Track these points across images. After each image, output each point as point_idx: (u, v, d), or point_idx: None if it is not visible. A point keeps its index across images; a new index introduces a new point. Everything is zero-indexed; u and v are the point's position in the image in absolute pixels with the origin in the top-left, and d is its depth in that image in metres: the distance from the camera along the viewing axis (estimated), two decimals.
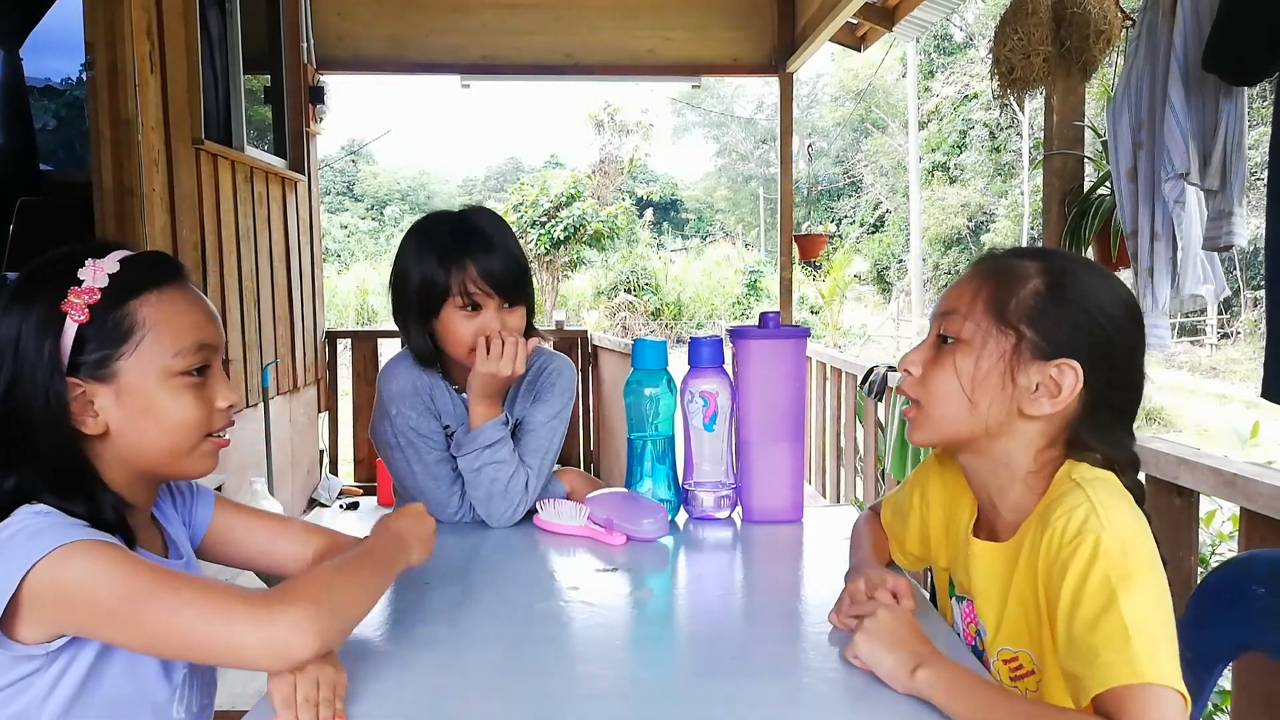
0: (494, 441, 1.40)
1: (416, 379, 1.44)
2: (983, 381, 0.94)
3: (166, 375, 0.92)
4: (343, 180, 31.65)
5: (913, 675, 0.85)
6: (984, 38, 19.23)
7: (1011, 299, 0.93)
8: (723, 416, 1.42)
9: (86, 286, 0.89)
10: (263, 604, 0.81)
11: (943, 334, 0.98)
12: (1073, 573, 0.84)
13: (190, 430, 0.94)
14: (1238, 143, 1.96)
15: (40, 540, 0.81)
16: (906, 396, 1.02)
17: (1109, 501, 0.88)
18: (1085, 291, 0.93)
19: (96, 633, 0.84)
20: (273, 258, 4.29)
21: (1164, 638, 0.79)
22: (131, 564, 0.82)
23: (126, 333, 0.90)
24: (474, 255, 1.36)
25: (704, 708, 0.85)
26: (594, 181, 17.67)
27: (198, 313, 0.96)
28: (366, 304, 17.06)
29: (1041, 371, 0.92)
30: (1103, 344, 0.92)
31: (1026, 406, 0.93)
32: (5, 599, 0.79)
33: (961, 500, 1.08)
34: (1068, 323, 0.92)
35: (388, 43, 4.99)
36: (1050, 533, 0.88)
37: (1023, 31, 2.25)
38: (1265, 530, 1.52)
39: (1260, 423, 3.62)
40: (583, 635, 1.03)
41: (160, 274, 0.94)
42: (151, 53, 2.88)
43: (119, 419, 0.92)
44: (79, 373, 0.89)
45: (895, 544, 1.20)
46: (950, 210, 21.42)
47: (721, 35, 5.16)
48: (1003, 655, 0.97)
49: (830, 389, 4.40)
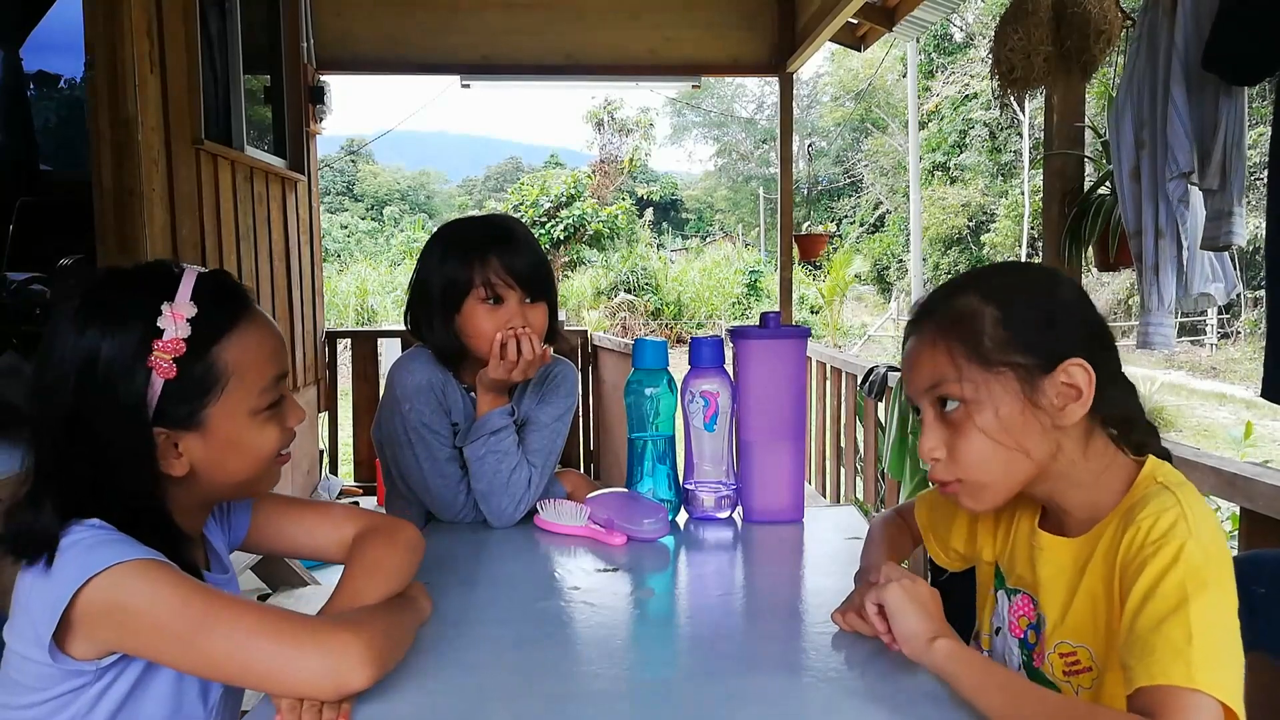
0: (498, 429, 1.41)
1: (432, 375, 1.45)
2: (1012, 427, 0.91)
3: (252, 414, 0.93)
4: (343, 180, 31.65)
5: (931, 644, 0.86)
6: (984, 38, 19.24)
7: (982, 339, 0.91)
8: (723, 416, 1.43)
9: (170, 339, 0.87)
10: (323, 633, 0.82)
11: (941, 401, 0.95)
12: (1151, 571, 0.83)
13: (271, 456, 0.96)
14: (1237, 142, 1.96)
15: (97, 555, 0.81)
16: (942, 483, 0.98)
17: (1198, 509, 0.87)
18: (1031, 293, 0.94)
19: (151, 653, 0.83)
20: (272, 258, 4.29)
21: (1226, 652, 0.79)
22: (189, 586, 0.83)
23: (213, 383, 0.90)
24: (497, 249, 1.39)
25: (704, 708, 0.85)
26: (594, 181, 17.69)
27: (272, 344, 0.96)
28: (366, 304, 17.05)
29: (1053, 384, 0.90)
30: (1077, 327, 0.93)
31: (1060, 420, 0.91)
32: (59, 612, 0.79)
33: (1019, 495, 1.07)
34: (1040, 328, 0.91)
35: (387, 43, 4.99)
36: (1135, 530, 0.87)
37: (1023, 31, 2.25)
38: (1265, 530, 1.52)
39: (1254, 424, 3.62)
40: (583, 635, 1.03)
41: (235, 309, 0.93)
42: (151, 52, 2.88)
43: (204, 459, 0.91)
44: (164, 421, 0.88)
45: (938, 543, 1.17)
46: (950, 210, 21.42)
47: (721, 35, 5.16)
48: (1060, 649, 0.97)
49: (830, 389, 4.40)
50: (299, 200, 4.72)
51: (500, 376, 1.39)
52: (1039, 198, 3.91)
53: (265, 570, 3.65)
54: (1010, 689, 0.82)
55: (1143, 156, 2.11)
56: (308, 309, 4.81)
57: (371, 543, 1.03)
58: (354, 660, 0.81)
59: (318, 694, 0.81)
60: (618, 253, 18.37)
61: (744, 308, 18.89)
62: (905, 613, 0.89)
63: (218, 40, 3.72)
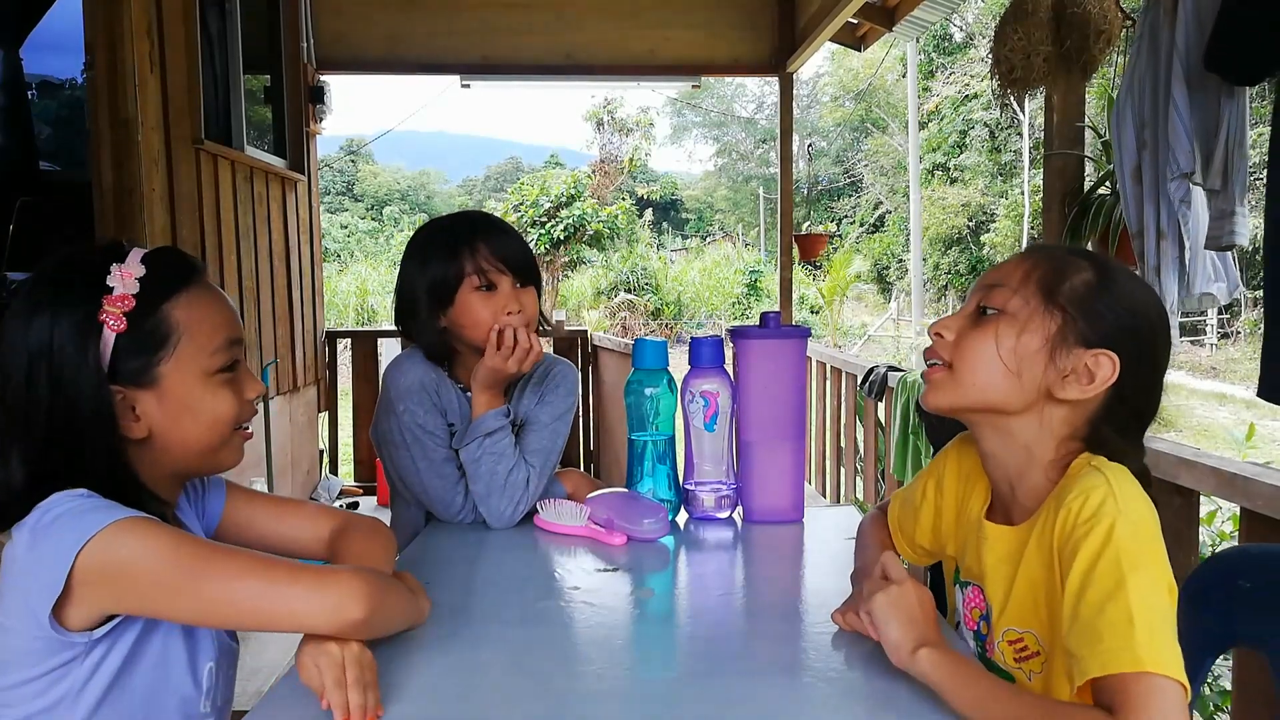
0: (494, 430, 1.41)
1: (424, 375, 1.44)
2: (1022, 355, 0.95)
3: (205, 374, 0.94)
4: (343, 180, 31.65)
5: (914, 654, 0.86)
6: (984, 38, 19.24)
7: (1064, 283, 0.95)
8: (723, 416, 1.42)
9: (120, 294, 0.89)
10: (316, 572, 0.84)
11: (984, 306, 0.99)
12: (1085, 553, 0.85)
13: (226, 425, 0.97)
14: (1239, 142, 1.96)
15: (87, 520, 0.82)
16: (936, 359, 1.02)
17: (1126, 488, 0.89)
18: (1132, 292, 0.96)
19: (150, 607, 0.85)
20: (272, 257, 4.29)
21: (1167, 627, 0.80)
22: (179, 536, 0.84)
23: (164, 338, 0.92)
24: (484, 237, 1.40)
25: (704, 708, 0.85)
26: (594, 181, 17.67)
27: (225, 309, 0.98)
28: (366, 304, 17.04)
29: (1080, 357, 0.94)
30: (1141, 343, 0.95)
31: (1057, 389, 0.95)
32: (61, 580, 0.80)
33: (976, 487, 1.09)
34: (1113, 315, 0.94)
35: (387, 43, 4.99)
36: (1065, 511, 0.89)
37: (1023, 31, 2.24)
38: (1265, 530, 1.52)
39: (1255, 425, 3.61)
40: (584, 635, 1.03)
41: (185, 273, 0.96)
42: (151, 53, 2.88)
43: (160, 421, 0.93)
44: (119, 380, 0.90)
45: (904, 539, 1.20)
46: (950, 210, 21.42)
47: (721, 35, 5.16)
48: (1008, 636, 0.98)
49: (830, 389, 4.40)
50: (299, 200, 4.72)
51: (499, 366, 1.38)
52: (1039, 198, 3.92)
53: None
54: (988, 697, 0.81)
55: (1144, 157, 2.10)
56: (308, 309, 4.80)
57: (353, 537, 1.06)
58: (351, 595, 0.83)
59: (317, 627, 0.82)
60: (618, 253, 18.36)
61: (744, 308, 18.89)
62: (888, 622, 0.90)
63: (218, 40, 3.72)
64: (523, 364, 1.39)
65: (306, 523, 1.10)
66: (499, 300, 1.40)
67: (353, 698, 0.81)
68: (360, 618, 0.83)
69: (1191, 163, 1.98)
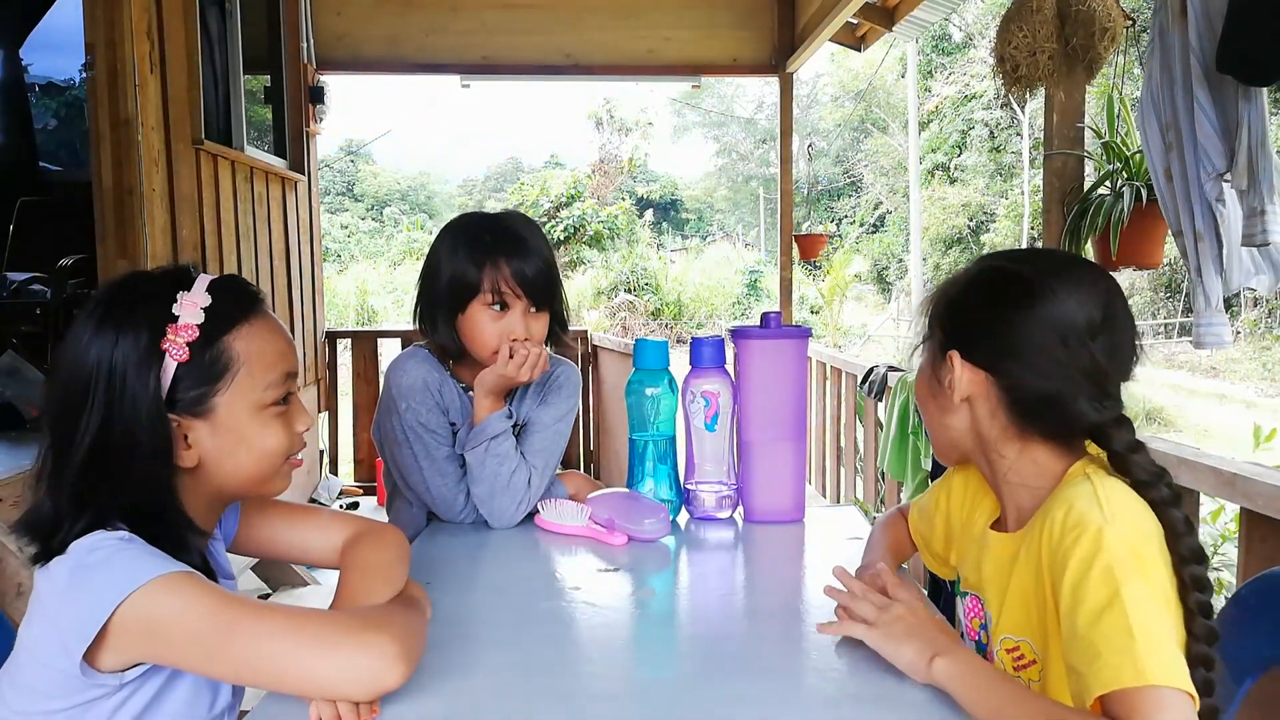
0: (498, 434, 1.41)
1: (427, 374, 1.44)
2: (926, 389, 1.01)
3: (259, 408, 0.94)
4: (343, 180, 31.64)
5: (930, 664, 0.85)
6: (984, 37, 19.24)
7: (946, 298, 0.99)
8: (724, 416, 1.42)
9: (184, 324, 0.90)
10: (354, 634, 0.83)
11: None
12: (1074, 565, 0.83)
13: (278, 457, 0.97)
14: (1262, 140, 1.93)
15: (133, 570, 0.82)
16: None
17: (1113, 494, 0.87)
18: (1008, 281, 0.94)
19: (185, 663, 0.84)
20: (272, 257, 4.28)
21: (1167, 635, 0.78)
22: (217, 595, 0.83)
23: (223, 370, 0.92)
24: (508, 255, 1.37)
25: (705, 708, 0.85)
26: (594, 181, 17.68)
27: (281, 342, 0.98)
28: (366, 304, 17.03)
29: (945, 366, 0.97)
30: (965, 324, 0.96)
31: (947, 404, 0.98)
32: (98, 626, 0.80)
33: (982, 500, 1.09)
34: (971, 313, 0.96)
35: (387, 43, 4.99)
36: (1050, 521, 0.88)
37: (1028, 29, 2.23)
38: (1265, 530, 1.52)
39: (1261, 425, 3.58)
40: (584, 635, 1.03)
41: (247, 305, 0.96)
42: (151, 53, 2.88)
43: (211, 451, 0.93)
44: (175, 409, 0.90)
45: (925, 548, 1.20)
46: (950, 210, 21.41)
47: (721, 35, 5.16)
48: (1005, 644, 0.98)
49: (830, 389, 4.40)
50: (299, 200, 4.72)
51: (509, 374, 1.38)
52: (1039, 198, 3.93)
53: (265, 571, 3.64)
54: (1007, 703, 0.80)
55: (1172, 158, 2.09)
56: (308, 309, 4.80)
57: (364, 546, 1.05)
58: (388, 660, 0.82)
59: (352, 695, 0.82)
60: (618, 253, 18.36)
61: (744, 308, 18.88)
62: (896, 652, 0.89)
63: (218, 40, 3.72)
64: (531, 375, 1.39)
65: (320, 531, 1.10)
66: (508, 323, 1.39)
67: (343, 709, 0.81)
68: (394, 684, 0.83)
69: (1225, 162, 1.96)
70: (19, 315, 3.22)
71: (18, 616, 0.92)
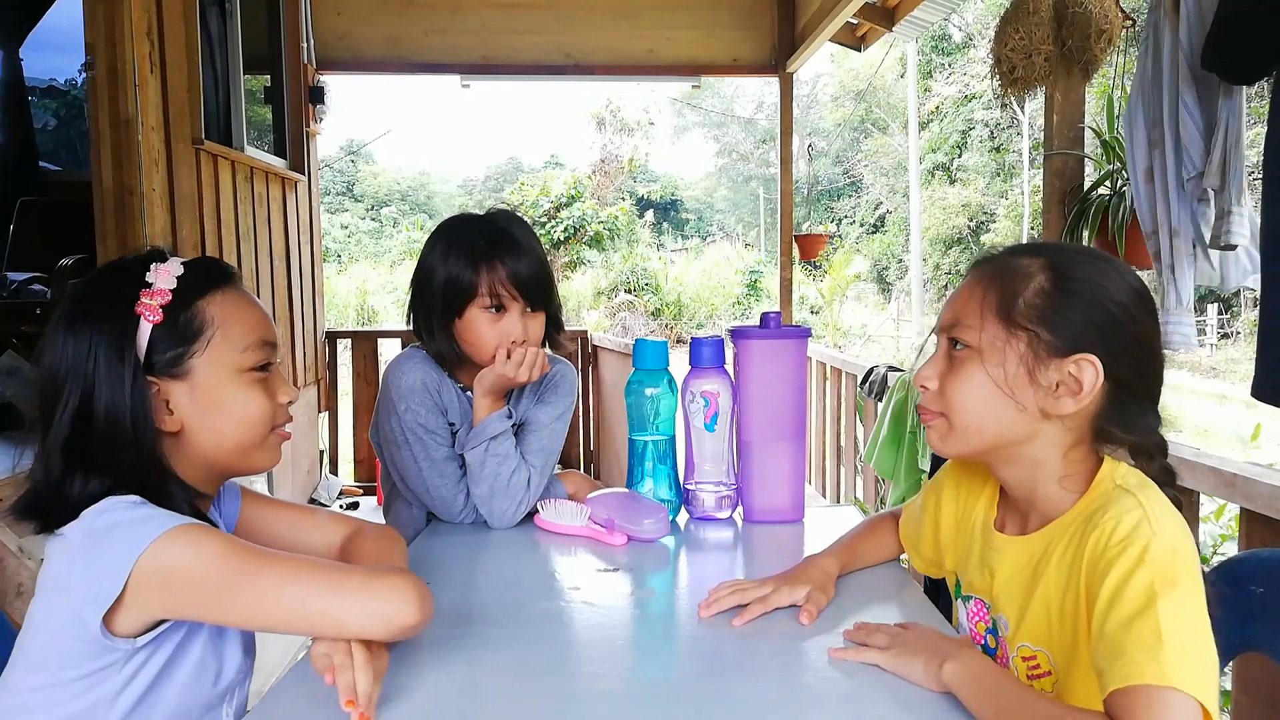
0: (497, 434, 1.41)
1: (426, 375, 1.44)
2: (1004, 388, 0.93)
3: (236, 371, 0.97)
4: (343, 180, 31.63)
5: (940, 669, 0.85)
6: (983, 37, 19.23)
7: (1017, 300, 0.92)
8: (724, 417, 1.42)
9: (157, 288, 0.93)
10: (371, 575, 0.85)
11: (954, 342, 0.97)
12: (1116, 573, 0.83)
13: (259, 424, 0.99)
14: (1237, 141, 1.95)
15: (144, 529, 0.83)
16: (924, 412, 1.01)
17: (1160, 510, 0.87)
18: (1091, 282, 0.92)
19: (200, 611, 0.85)
20: (273, 257, 4.28)
21: (1198, 650, 0.78)
22: (230, 542, 0.85)
23: (198, 331, 0.94)
24: (504, 257, 1.37)
25: (705, 708, 0.85)
26: (594, 182, 17.69)
27: (258, 311, 1.01)
28: (366, 304, 17.03)
29: (1060, 369, 0.91)
30: (1116, 333, 0.91)
31: (1049, 407, 0.92)
32: (118, 588, 0.81)
33: (977, 497, 1.08)
34: (1079, 316, 0.91)
35: (387, 43, 4.99)
36: (1099, 533, 0.87)
37: (1024, 30, 2.24)
38: (1265, 530, 1.52)
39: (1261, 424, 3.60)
40: (584, 635, 1.03)
41: (220, 276, 0.99)
42: (151, 53, 2.88)
43: (193, 416, 0.95)
44: (154, 371, 0.93)
45: (914, 551, 1.20)
46: (950, 210, 21.42)
47: (721, 35, 5.16)
48: (1022, 652, 0.97)
49: (830, 389, 4.40)
50: (299, 200, 4.72)
51: (508, 375, 1.38)
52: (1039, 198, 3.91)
53: None
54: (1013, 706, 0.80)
55: (1155, 156, 2.10)
56: (308, 309, 4.80)
57: (364, 540, 1.08)
58: (408, 599, 0.84)
59: (374, 631, 0.83)
60: (618, 253, 18.36)
61: (744, 308, 18.88)
62: (907, 667, 0.89)
63: (218, 40, 3.72)
64: (530, 375, 1.39)
65: (319, 530, 1.12)
66: (505, 324, 1.39)
67: (360, 680, 0.81)
68: (413, 622, 0.84)
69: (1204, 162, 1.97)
70: (19, 315, 3.22)
71: (18, 616, 0.92)
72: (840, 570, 1.15)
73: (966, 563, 1.08)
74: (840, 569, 1.15)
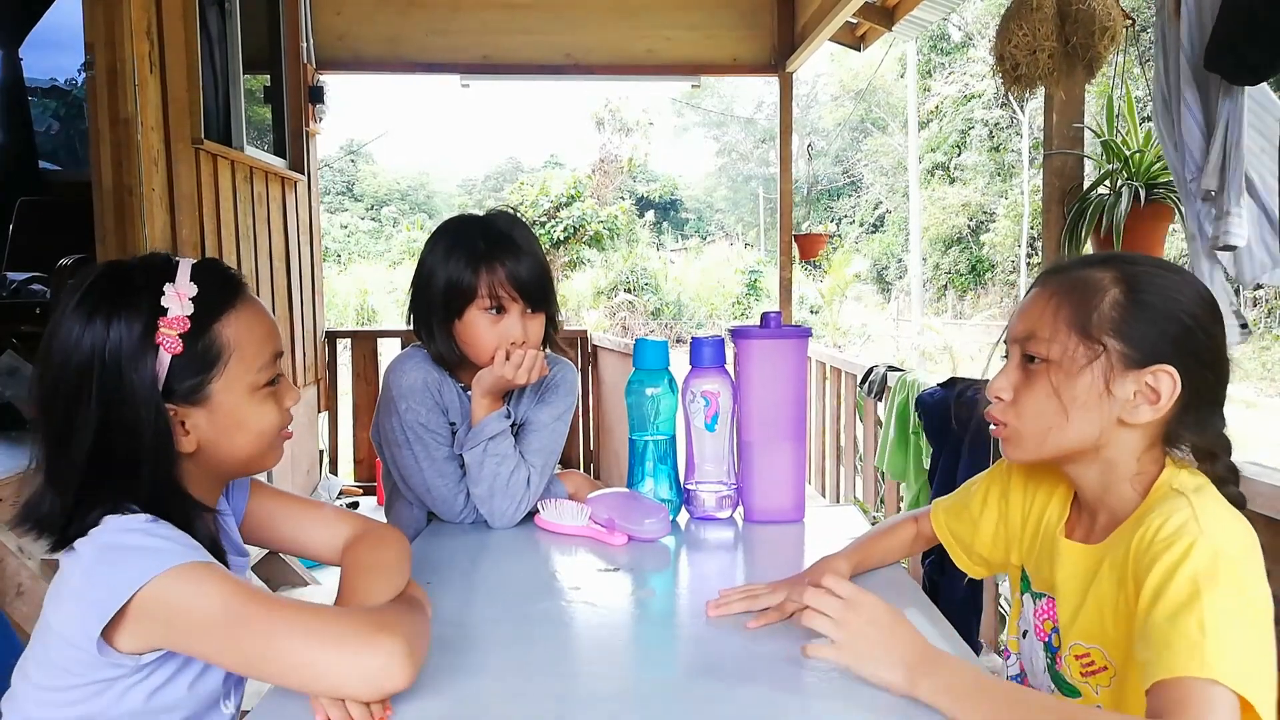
0: (496, 434, 1.41)
1: (426, 375, 1.44)
2: (1080, 399, 0.94)
3: (252, 390, 0.97)
4: (343, 180, 31.62)
5: (912, 684, 0.84)
6: (983, 37, 19.23)
7: (1093, 313, 0.93)
8: (724, 416, 1.42)
9: (175, 316, 0.91)
10: (363, 634, 0.83)
11: (1028, 355, 0.98)
12: (1160, 567, 0.84)
13: (273, 434, 1.00)
14: (1236, 143, 1.95)
15: (157, 558, 0.83)
16: (995, 421, 1.02)
17: (1211, 509, 0.88)
18: (1164, 293, 0.93)
19: (195, 651, 0.86)
20: (272, 257, 4.28)
21: (1244, 645, 0.78)
22: (234, 587, 0.84)
23: (216, 357, 0.94)
24: (504, 259, 1.37)
25: (705, 708, 0.85)
26: (594, 181, 17.68)
27: (268, 323, 1.00)
28: (366, 304, 17.02)
29: (1137, 380, 0.92)
30: (1190, 343, 0.92)
31: (1127, 416, 0.93)
32: (117, 607, 0.81)
33: (1051, 499, 1.09)
34: (1154, 329, 0.92)
35: (387, 43, 4.99)
36: (1144, 529, 0.88)
37: (1028, 27, 2.22)
38: (1265, 530, 1.51)
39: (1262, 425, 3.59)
40: (584, 635, 1.03)
41: (232, 289, 0.97)
42: (151, 53, 2.88)
43: (209, 434, 0.95)
44: (172, 399, 0.92)
45: (962, 550, 1.20)
46: (950, 210, 21.40)
47: (721, 35, 5.16)
48: (1075, 650, 0.98)
49: (830, 389, 4.40)
50: (299, 200, 4.72)
51: (507, 376, 1.38)
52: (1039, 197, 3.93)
53: (265, 570, 3.65)
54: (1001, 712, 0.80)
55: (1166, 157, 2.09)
56: (308, 309, 4.80)
57: (366, 545, 1.06)
58: (396, 661, 0.83)
59: (359, 694, 0.82)
60: (618, 253, 18.36)
61: (744, 308, 18.87)
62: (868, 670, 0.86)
63: (218, 40, 3.72)
64: (531, 374, 1.39)
65: (324, 527, 1.11)
66: (505, 326, 1.39)
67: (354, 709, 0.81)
68: (401, 685, 0.83)
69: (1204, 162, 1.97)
70: (19, 315, 3.23)
71: (18, 617, 0.93)
72: (851, 572, 1.15)
73: (1039, 560, 1.08)
74: (851, 570, 1.15)
